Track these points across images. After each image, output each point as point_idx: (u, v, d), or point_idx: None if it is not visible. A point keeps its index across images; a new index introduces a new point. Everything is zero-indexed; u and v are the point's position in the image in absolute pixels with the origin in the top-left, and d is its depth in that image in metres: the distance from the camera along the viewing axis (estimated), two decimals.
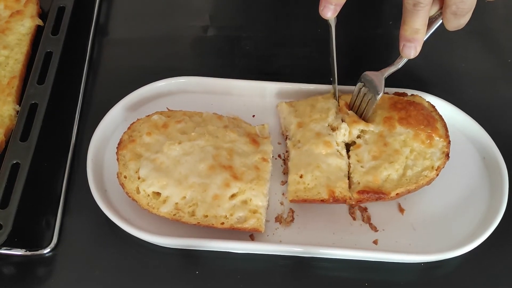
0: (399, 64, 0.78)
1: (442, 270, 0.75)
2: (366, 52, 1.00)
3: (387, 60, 0.81)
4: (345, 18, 1.01)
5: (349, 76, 0.84)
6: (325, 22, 0.77)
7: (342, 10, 0.73)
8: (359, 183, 0.76)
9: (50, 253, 0.75)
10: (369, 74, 0.80)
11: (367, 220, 0.78)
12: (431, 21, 0.75)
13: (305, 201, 0.76)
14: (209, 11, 1.05)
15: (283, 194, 0.80)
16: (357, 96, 0.82)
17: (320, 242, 0.75)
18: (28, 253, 0.75)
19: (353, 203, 0.76)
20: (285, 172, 0.82)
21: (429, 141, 0.78)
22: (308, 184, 0.77)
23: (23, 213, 0.74)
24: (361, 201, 0.76)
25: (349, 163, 0.79)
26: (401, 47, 0.74)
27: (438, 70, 0.96)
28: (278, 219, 0.78)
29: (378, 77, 0.79)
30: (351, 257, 0.75)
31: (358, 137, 0.80)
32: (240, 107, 0.88)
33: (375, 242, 0.76)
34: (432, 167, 0.77)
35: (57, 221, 0.77)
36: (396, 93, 0.85)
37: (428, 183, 0.77)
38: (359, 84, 0.81)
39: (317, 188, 0.76)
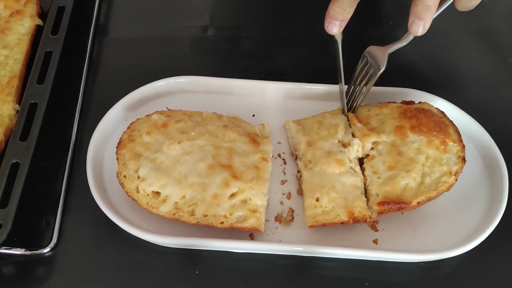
0: (405, 40, 0.77)
1: (442, 270, 0.75)
2: None
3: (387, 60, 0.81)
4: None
5: (349, 76, 0.84)
6: (324, 22, 0.77)
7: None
8: (377, 194, 0.75)
9: (50, 253, 0.75)
10: (373, 48, 0.80)
11: None
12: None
13: (324, 225, 0.74)
14: (209, 11, 1.05)
15: (282, 193, 0.80)
16: (358, 72, 0.81)
17: (320, 242, 0.75)
18: (28, 252, 0.75)
19: (374, 220, 0.75)
20: (299, 193, 0.80)
21: (443, 146, 0.77)
22: (325, 207, 0.75)
23: (22, 212, 0.73)
24: (383, 213, 0.74)
25: (365, 176, 0.77)
26: (409, 23, 0.73)
27: (438, 69, 0.96)
28: (278, 218, 0.78)
29: (382, 52, 0.78)
30: (351, 256, 0.75)
31: (371, 148, 0.79)
32: (240, 106, 0.88)
33: (375, 241, 0.76)
34: (450, 173, 0.76)
35: (57, 220, 0.77)
36: (403, 102, 0.84)
37: (448, 189, 0.76)
38: (362, 58, 0.80)
39: (335, 211, 0.74)
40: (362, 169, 0.79)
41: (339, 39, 0.79)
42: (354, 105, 0.83)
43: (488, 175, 0.82)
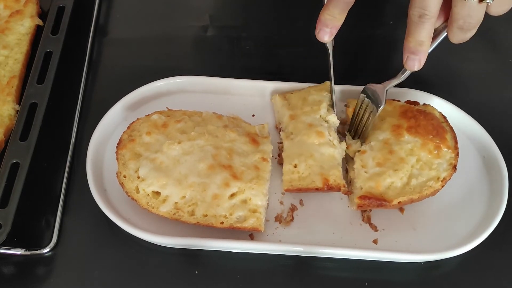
0: (402, 77, 0.77)
1: (442, 270, 0.75)
2: (366, 52, 1.00)
3: (387, 60, 0.81)
4: (345, 18, 1.01)
5: (349, 76, 0.84)
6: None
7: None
8: (361, 188, 0.76)
9: (50, 253, 0.75)
10: (372, 86, 0.80)
11: (367, 219, 0.78)
12: (435, 33, 0.73)
13: (299, 190, 0.76)
14: (209, 11, 1.05)
15: (283, 193, 0.80)
16: (359, 108, 0.81)
17: (320, 242, 0.75)
18: (28, 252, 0.75)
19: (348, 190, 0.77)
20: (280, 163, 0.82)
21: (437, 151, 0.77)
22: (302, 173, 0.77)
23: (22, 212, 0.74)
24: (362, 207, 0.76)
25: (353, 169, 0.79)
26: (404, 59, 0.73)
27: (438, 69, 0.96)
28: (278, 218, 0.78)
29: (380, 89, 0.79)
30: (351, 256, 0.75)
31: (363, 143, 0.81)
32: (240, 106, 0.88)
33: (375, 241, 0.76)
34: (438, 178, 0.76)
35: (57, 220, 0.77)
36: (408, 101, 0.85)
37: (433, 194, 0.76)
38: (361, 96, 0.81)
39: (311, 177, 0.77)
40: (352, 162, 0.80)
41: (330, 47, 0.81)
42: (358, 136, 0.83)
43: (488, 175, 0.82)
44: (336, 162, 0.78)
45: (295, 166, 0.78)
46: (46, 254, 0.75)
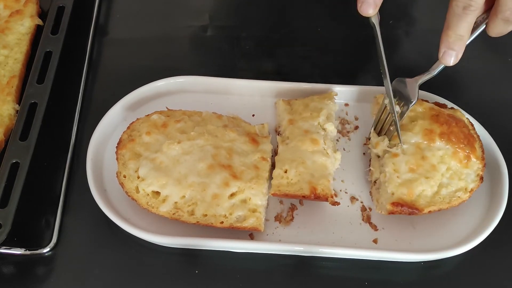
0: (435, 71, 0.74)
1: (442, 269, 0.75)
2: (366, 51, 1.00)
3: (386, 60, 0.81)
4: (345, 18, 1.02)
5: (348, 76, 0.84)
6: (323, 22, 0.76)
7: (342, 9, 0.73)
8: (393, 194, 0.75)
9: (50, 253, 0.75)
10: (402, 80, 0.76)
11: (367, 219, 0.78)
12: (474, 26, 0.71)
13: (286, 195, 0.75)
14: (209, 11, 1.05)
15: None
16: (387, 104, 0.77)
17: (320, 241, 0.75)
18: (28, 252, 0.75)
19: (336, 201, 0.76)
20: (273, 166, 0.81)
21: (466, 161, 0.76)
22: (291, 179, 0.76)
23: (22, 212, 0.74)
24: (393, 213, 0.74)
25: (385, 172, 0.77)
26: (441, 53, 0.70)
27: None
28: (278, 218, 0.78)
29: (412, 84, 0.75)
30: (351, 256, 0.75)
31: (394, 145, 0.78)
32: (240, 106, 0.88)
33: (375, 241, 0.76)
34: (466, 189, 0.75)
35: (57, 220, 0.77)
36: (436, 103, 0.83)
37: (459, 204, 0.75)
38: (391, 90, 0.76)
39: (299, 184, 0.76)
40: (382, 164, 0.78)
41: (376, 22, 0.72)
42: (384, 133, 0.81)
43: (488, 175, 0.81)
44: (327, 171, 0.77)
45: (285, 172, 0.77)
46: (46, 254, 0.75)
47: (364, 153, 0.85)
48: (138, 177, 0.75)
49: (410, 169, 0.75)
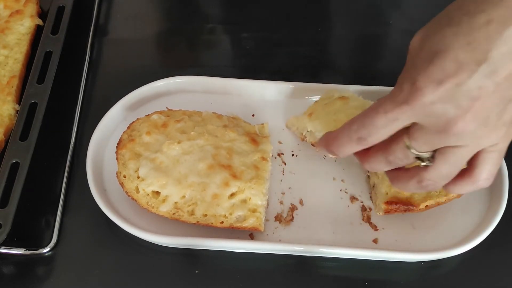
0: None
1: (443, 269, 0.75)
2: (365, 51, 1.00)
3: (386, 60, 0.81)
4: (345, 18, 1.02)
5: (348, 75, 0.84)
6: (324, 22, 0.76)
7: (342, 9, 0.73)
8: (387, 193, 0.75)
9: (50, 253, 0.75)
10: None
11: (367, 219, 0.78)
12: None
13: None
14: (209, 11, 1.05)
15: (282, 193, 0.80)
16: None
17: (320, 241, 0.75)
18: (28, 252, 0.75)
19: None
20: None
21: None
22: None
23: (22, 212, 0.74)
24: (389, 212, 0.75)
25: (376, 173, 0.77)
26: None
27: None
28: (278, 218, 0.78)
29: None
30: (351, 256, 0.74)
31: None
32: (240, 106, 0.88)
33: (375, 241, 0.76)
34: None
35: (57, 220, 0.77)
36: None
37: (458, 196, 0.75)
38: None
39: None
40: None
41: None
42: None
43: None
44: None
45: None
46: (46, 254, 0.75)
47: None
48: (138, 177, 0.75)
49: None
